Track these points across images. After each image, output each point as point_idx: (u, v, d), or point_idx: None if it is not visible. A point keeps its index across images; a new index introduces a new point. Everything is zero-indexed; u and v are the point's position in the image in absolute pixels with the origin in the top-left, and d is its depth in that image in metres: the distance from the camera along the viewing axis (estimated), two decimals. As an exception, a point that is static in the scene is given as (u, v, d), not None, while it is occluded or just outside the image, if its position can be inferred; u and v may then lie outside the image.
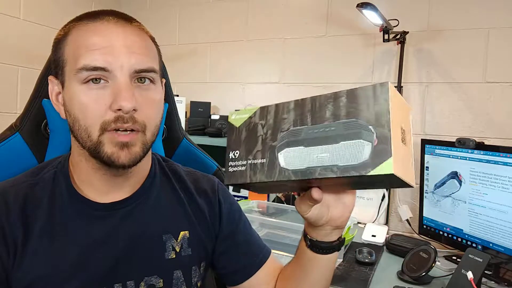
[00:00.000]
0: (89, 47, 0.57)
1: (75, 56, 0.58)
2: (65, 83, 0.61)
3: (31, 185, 0.64)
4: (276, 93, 2.01)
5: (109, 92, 0.58)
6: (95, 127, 0.58)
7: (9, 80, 1.84)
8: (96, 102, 0.57)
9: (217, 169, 0.94)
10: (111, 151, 0.58)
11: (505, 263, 1.19)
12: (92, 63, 0.57)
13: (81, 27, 0.60)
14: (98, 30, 0.59)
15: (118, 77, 0.57)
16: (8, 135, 0.74)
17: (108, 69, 0.57)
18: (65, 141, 0.76)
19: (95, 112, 0.57)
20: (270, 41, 2.02)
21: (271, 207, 1.61)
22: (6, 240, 0.59)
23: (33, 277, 0.59)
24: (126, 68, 0.58)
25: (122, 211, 0.66)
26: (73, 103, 0.59)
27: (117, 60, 0.57)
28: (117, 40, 0.58)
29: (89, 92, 0.58)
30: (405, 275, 1.19)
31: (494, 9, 1.56)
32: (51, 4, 1.99)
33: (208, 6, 2.16)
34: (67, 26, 0.63)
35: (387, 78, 1.76)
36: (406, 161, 0.48)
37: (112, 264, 0.64)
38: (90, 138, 0.58)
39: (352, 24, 1.82)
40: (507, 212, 1.19)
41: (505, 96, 1.55)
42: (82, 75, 0.57)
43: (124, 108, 0.56)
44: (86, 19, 0.61)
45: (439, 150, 1.42)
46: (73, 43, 0.60)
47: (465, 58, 1.62)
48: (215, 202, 0.77)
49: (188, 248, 0.71)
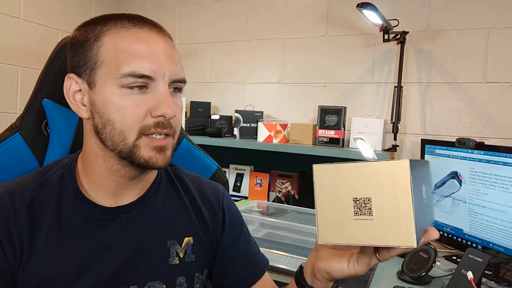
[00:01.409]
0: (135, 54, 0.59)
1: (118, 60, 0.59)
2: (97, 84, 0.60)
3: (38, 186, 0.63)
4: (276, 93, 2.01)
5: (150, 98, 0.60)
6: (133, 131, 0.59)
7: (9, 80, 1.84)
8: (137, 107, 0.59)
9: (217, 169, 0.94)
10: (149, 155, 0.61)
11: (505, 263, 1.19)
12: (140, 71, 0.58)
13: (120, 32, 0.61)
14: (141, 37, 0.61)
15: (160, 85, 0.60)
16: (8, 135, 0.74)
17: (153, 78, 0.59)
18: (65, 141, 0.76)
19: (135, 117, 0.59)
20: (270, 41, 2.02)
21: (271, 207, 1.61)
22: (13, 242, 0.59)
23: (39, 279, 0.59)
24: (167, 77, 0.61)
25: (128, 215, 0.67)
26: (108, 105, 0.59)
27: (160, 69, 0.60)
28: (159, 50, 0.61)
29: (129, 96, 0.59)
30: (405, 275, 1.19)
31: (494, 9, 1.56)
32: (51, 4, 1.99)
33: (208, 6, 2.16)
34: (97, 27, 0.62)
35: (387, 78, 1.76)
36: (358, 227, 0.52)
37: (116, 268, 0.64)
38: (125, 142, 0.60)
39: (352, 24, 1.82)
40: (507, 212, 1.19)
41: (505, 96, 1.56)
42: (126, 80, 0.58)
43: (168, 115, 0.60)
44: (122, 22, 0.61)
45: (439, 150, 1.42)
46: (112, 46, 0.60)
47: (465, 58, 1.62)
48: (219, 211, 0.77)
49: (192, 254, 0.71)
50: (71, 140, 0.76)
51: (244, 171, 2.01)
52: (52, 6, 2.00)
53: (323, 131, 1.75)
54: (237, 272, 0.78)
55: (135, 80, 0.58)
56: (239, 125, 1.91)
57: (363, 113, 1.78)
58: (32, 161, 0.76)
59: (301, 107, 1.95)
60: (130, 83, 0.58)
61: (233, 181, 2.01)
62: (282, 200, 1.93)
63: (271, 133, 1.79)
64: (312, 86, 1.92)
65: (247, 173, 2.00)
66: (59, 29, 2.02)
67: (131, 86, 0.59)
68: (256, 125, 1.88)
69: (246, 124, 1.91)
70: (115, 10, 2.29)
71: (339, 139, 1.72)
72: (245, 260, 0.79)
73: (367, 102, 1.81)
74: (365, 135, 1.64)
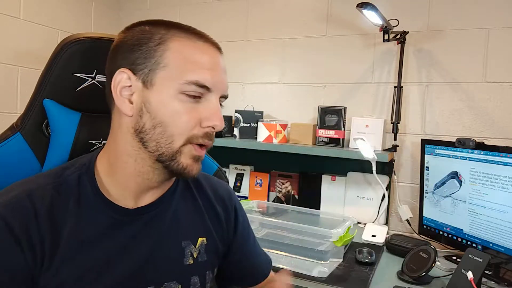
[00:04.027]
0: (200, 65, 0.62)
1: (183, 68, 0.61)
2: (156, 85, 0.61)
3: (56, 187, 0.63)
4: (276, 93, 2.01)
5: (201, 108, 0.62)
6: (182, 137, 0.61)
7: (9, 80, 1.84)
8: (190, 114, 0.61)
9: (217, 169, 0.94)
10: (187, 163, 0.63)
11: (505, 263, 1.20)
12: (203, 81, 0.61)
13: (187, 42, 0.63)
14: (206, 50, 0.64)
15: (213, 98, 0.63)
16: (9, 135, 0.74)
17: (211, 90, 0.63)
18: (66, 141, 0.76)
19: (187, 124, 0.61)
20: (270, 41, 2.02)
21: (271, 207, 1.61)
22: (33, 244, 0.58)
23: (61, 280, 0.59)
24: (221, 91, 0.65)
25: (146, 216, 0.68)
26: (164, 107, 0.61)
27: (218, 83, 0.64)
28: (218, 65, 0.65)
29: (186, 104, 0.61)
30: (405, 275, 1.19)
31: (494, 9, 1.56)
32: (51, 4, 1.99)
33: (208, 5, 2.16)
34: (159, 31, 0.63)
35: (387, 78, 1.76)
36: None
37: (135, 269, 0.64)
38: (171, 145, 0.61)
39: (352, 24, 1.82)
40: (507, 212, 1.19)
41: (505, 96, 1.56)
42: (189, 87, 0.61)
43: (218, 127, 0.63)
44: (187, 33, 0.64)
45: (439, 150, 1.42)
46: (178, 52, 0.62)
47: (465, 58, 1.62)
48: (231, 210, 0.81)
49: (204, 254, 0.73)
50: (72, 140, 0.76)
51: (244, 171, 2.01)
52: (52, 6, 2.00)
53: (323, 131, 1.76)
54: (246, 271, 0.83)
55: (197, 89, 0.61)
56: (239, 125, 1.91)
57: (363, 113, 1.79)
58: (32, 161, 0.76)
59: (301, 107, 1.95)
60: (191, 90, 0.61)
61: (233, 181, 2.02)
62: (282, 200, 1.93)
63: (271, 133, 1.79)
64: (312, 86, 1.93)
65: (247, 173, 2.00)
66: (59, 29, 2.02)
67: (190, 94, 0.61)
68: (256, 125, 1.88)
69: (246, 124, 1.91)
70: (115, 10, 2.29)
71: (339, 139, 1.72)
72: (253, 259, 0.84)
73: (367, 102, 1.81)
74: (365, 135, 1.64)
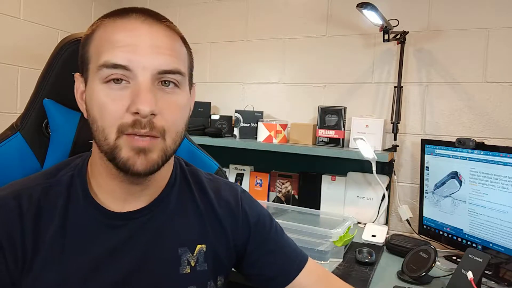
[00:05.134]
0: (113, 43, 0.55)
1: (98, 52, 0.56)
2: (88, 81, 0.58)
3: (46, 187, 0.61)
4: (276, 93, 2.01)
5: (129, 93, 0.55)
6: (112, 129, 0.55)
7: (9, 80, 1.84)
8: (114, 102, 0.54)
9: (218, 169, 0.94)
10: (127, 156, 0.55)
11: (505, 263, 1.19)
12: (113, 60, 0.54)
13: (108, 24, 0.58)
14: (124, 27, 0.56)
15: (139, 78, 0.54)
16: (9, 135, 0.74)
17: (129, 68, 0.54)
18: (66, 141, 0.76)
19: (112, 114, 0.54)
20: (270, 41, 2.02)
21: (271, 207, 1.61)
22: (15, 247, 0.56)
23: (43, 284, 0.57)
24: (148, 68, 0.55)
25: (138, 221, 0.63)
26: (92, 102, 0.57)
27: (139, 60, 0.54)
28: (142, 39, 0.55)
29: (109, 92, 0.55)
30: (405, 275, 1.19)
31: (494, 9, 1.56)
32: (51, 4, 1.99)
33: (208, 6, 2.16)
34: (95, 23, 0.60)
35: (387, 78, 1.76)
36: None
37: (124, 277, 0.61)
38: (107, 141, 0.55)
39: (352, 24, 1.82)
40: (507, 212, 1.19)
41: (505, 96, 1.56)
42: (103, 73, 0.54)
43: (142, 112, 0.53)
44: (114, 15, 0.58)
45: (439, 150, 1.42)
46: (98, 39, 0.57)
47: (465, 58, 1.62)
48: (238, 214, 0.73)
49: (204, 263, 0.67)
50: (72, 140, 0.76)
51: (244, 171, 2.01)
52: (52, 6, 2.00)
53: (323, 131, 1.75)
54: (275, 267, 0.73)
55: (110, 71, 0.54)
56: (239, 125, 1.91)
57: (363, 113, 1.78)
58: (32, 161, 0.76)
59: (301, 107, 1.95)
60: (107, 75, 0.54)
61: (233, 181, 2.01)
62: (282, 200, 1.93)
63: (271, 133, 1.79)
64: (312, 86, 1.93)
65: (247, 173, 2.00)
66: (59, 29, 2.02)
67: (108, 80, 0.54)
68: (256, 125, 1.88)
69: (246, 124, 1.91)
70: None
71: (339, 139, 1.72)
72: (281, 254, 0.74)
73: (367, 102, 1.81)
74: (365, 135, 1.64)
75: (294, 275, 0.73)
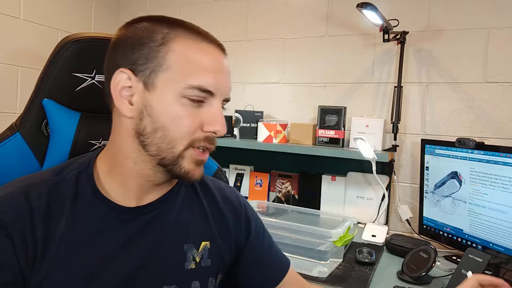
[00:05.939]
0: (204, 68, 0.60)
1: (186, 70, 0.59)
2: (157, 87, 0.59)
3: (53, 184, 0.62)
4: (276, 93, 2.01)
5: (204, 113, 0.61)
6: (183, 141, 0.60)
7: (9, 80, 1.84)
8: (190, 118, 0.60)
9: (217, 169, 0.94)
10: (189, 168, 0.62)
11: (505, 263, 1.19)
12: (206, 86, 0.60)
13: (191, 43, 0.61)
14: (210, 52, 0.62)
15: (216, 102, 0.62)
16: (9, 135, 0.74)
17: (213, 94, 0.61)
18: (66, 141, 0.76)
19: (188, 128, 0.60)
20: (270, 41, 2.02)
21: (271, 207, 1.61)
22: (26, 243, 0.57)
23: (52, 281, 0.57)
24: (224, 95, 0.64)
25: (146, 216, 0.66)
26: (165, 111, 0.59)
27: (221, 88, 0.62)
28: (223, 68, 0.63)
29: (187, 108, 0.60)
30: (405, 275, 1.19)
31: (494, 9, 1.56)
32: (51, 4, 1.99)
33: (208, 6, 2.16)
34: (162, 29, 0.60)
35: (387, 78, 1.76)
36: None
37: (132, 271, 0.62)
38: (172, 150, 0.60)
39: (352, 24, 1.82)
40: (507, 212, 1.19)
41: (505, 96, 1.56)
42: (191, 92, 0.59)
43: (219, 133, 0.62)
44: (191, 33, 0.62)
45: (439, 150, 1.42)
46: (182, 54, 0.60)
47: (465, 58, 1.62)
48: (242, 216, 0.78)
49: (207, 259, 0.71)
50: (72, 140, 0.76)
51: (244, 171, 2.01)
52: (52, 6, 2.00)
53: (323, 131, 1.75)
54: (263, 273, 0.79)
55: (199, 93, 0.60)
56: (239, 125, 1.91)
57: (363, 113, 1.79)
58: (32, 161, 0.76)
59: (301, 107, 1.95)
60: (194, 95, 0.60)
61: (233, 181, 2.01)
62: (282, 200, 1.93)
63: (271, 133, 1.79)
64: (312, 86, 1.93)
65: (247, 173, 2.00)
66: (59, 29, 2.02)
67: (192, 98, 0.60)
68: (256, 125, 1.88)
69: (246, 124, 1.91)
70: (115, 10, 2.29)
71: (339, 139, 1.72)
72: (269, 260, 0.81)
73: (367, 102, 1.81)
74: (365, 135, 1.64)
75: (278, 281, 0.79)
